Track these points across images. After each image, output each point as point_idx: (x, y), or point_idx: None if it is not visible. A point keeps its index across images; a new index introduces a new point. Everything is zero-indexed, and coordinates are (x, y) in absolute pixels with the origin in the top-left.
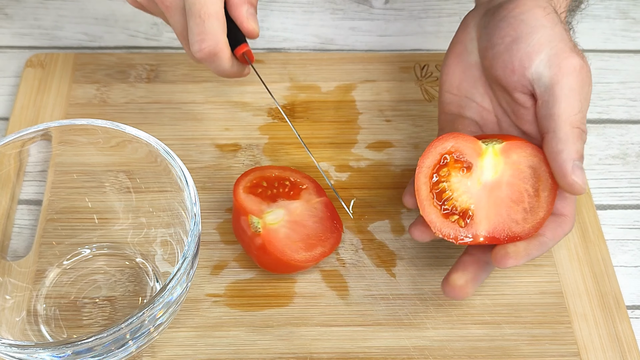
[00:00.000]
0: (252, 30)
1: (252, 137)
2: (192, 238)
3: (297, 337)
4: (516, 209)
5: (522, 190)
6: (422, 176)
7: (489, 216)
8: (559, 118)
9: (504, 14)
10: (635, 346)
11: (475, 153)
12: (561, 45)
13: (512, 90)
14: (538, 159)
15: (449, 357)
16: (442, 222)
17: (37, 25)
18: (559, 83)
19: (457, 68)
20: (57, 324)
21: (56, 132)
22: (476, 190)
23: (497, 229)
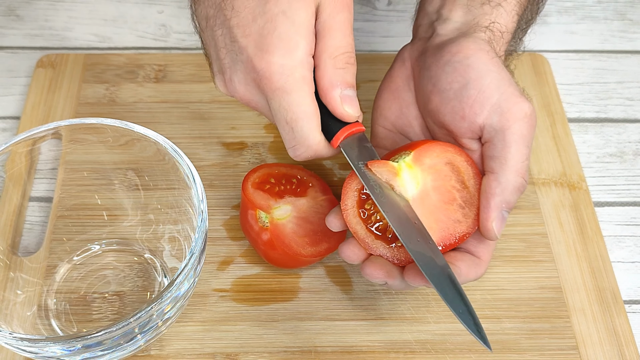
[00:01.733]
0: (347, 116)
1: (257, 136)
2: (199, 234)
3: (302, 331)
4: (452, 209)
5: (449, 188)
6: (352, 217)
7: (431, 227)
8: (507, 163)
9: (447, 57)
10: (632, 340)
11: (391, 174)
12: (511, 90)
13: (460, 136)
14: (450, 153)
15: (450, 350)
16: (390, 251)
17: (48, 26)
18: (510, 129)
19: (393, 104)
20: (68, 318)
21: (66, 131)
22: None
23: (445, 236)
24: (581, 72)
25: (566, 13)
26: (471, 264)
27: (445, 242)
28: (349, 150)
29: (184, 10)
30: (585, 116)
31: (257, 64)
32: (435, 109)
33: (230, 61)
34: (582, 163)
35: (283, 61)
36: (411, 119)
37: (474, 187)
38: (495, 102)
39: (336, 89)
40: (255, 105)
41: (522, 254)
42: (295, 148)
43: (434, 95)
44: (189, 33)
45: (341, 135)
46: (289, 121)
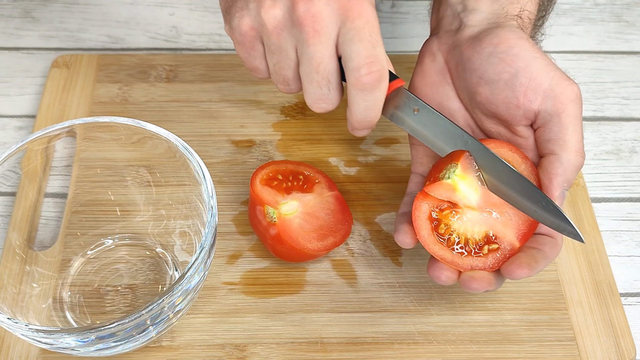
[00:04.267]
0: None
1: (265, 134)
2: (209, 229)
3: (309, 322)
4: None
5: None
6: (433, 246)
7: (505, 223)
8: (567, 144)
9: (489, 49)
10: (628, 331)
11: (450, 191)
12: (559, 74)
13: (515, 124)
14: (493, 147)
15: (452, 341)
16: (481, 261)
17: (63, 28)
18: (565, 111)
19: (432, 99)
20: (82, 310)
21: (80, 129)
22: (478, 216)
23: (520, 226)
24: (578, 72)
25: (564, 15)
26: (551, 244)
27: (523, 232)
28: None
29: (195, 12)
30: (583, 115)
31: None
32: (485, 100)
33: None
34: None
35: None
36: (453, 112)
37: (527, 171)
38: (548, 87)
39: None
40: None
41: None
42: (373, 63)
43: (481, 87)
44: (199, 34)
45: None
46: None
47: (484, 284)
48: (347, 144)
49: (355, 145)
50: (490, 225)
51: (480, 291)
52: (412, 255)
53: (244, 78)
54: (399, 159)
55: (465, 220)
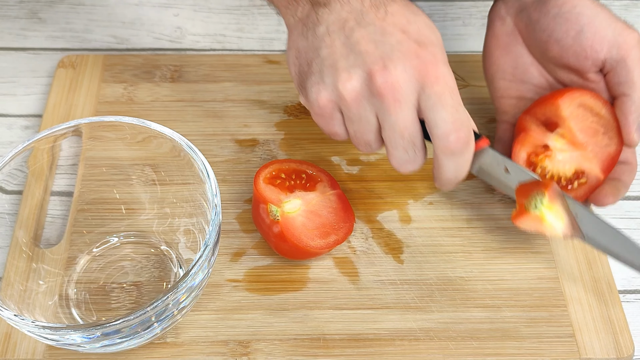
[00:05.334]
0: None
1: (269, 133)
2: (213, 227)
3: (311, 319)
4: (599, 139)
5: (589, 124)
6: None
7: (591, 161)
8: (635, 84)
9: (555, 10)
10: (626, 328)
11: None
12: (619, 24)
13: (586, 72)
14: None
15: (452, 338)
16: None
17: (69, 28)
18: (630, 56)
19: (507, 58)
20: (87, 307)
21: (86, 128)
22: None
23: (604, 161)
24: None
25: None
26: (628, 171)
27: (606, 166)
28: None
29: (199, 13)
30: None
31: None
32: (556, 55)
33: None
34: None
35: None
36: (528, 66)
37: (607, 113)
38: (611, 38)
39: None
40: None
41: (522, 246)
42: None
43: (551, 44)
44: (203, 35)
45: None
46: (455, 105)
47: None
48: (348, 143)
49: None
50: (578, 163)
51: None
52: (413, 253)
53: (248, 78)
54: None
55: (556, 161)
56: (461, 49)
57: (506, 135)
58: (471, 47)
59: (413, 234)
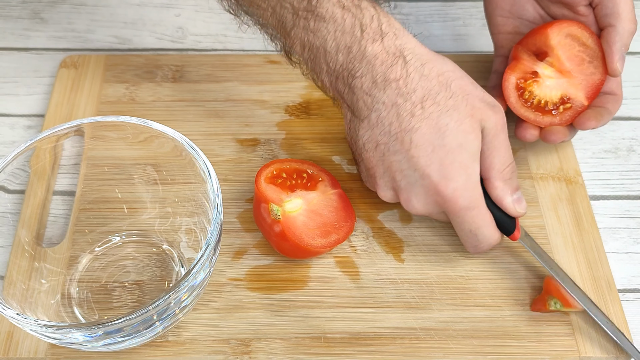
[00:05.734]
0: (520, 214)
1: (270, 133)
2: (215, 226)
3: (312, 318)
4: (585, 67)
5: (576, 52)
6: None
7: (577, 87)
8: (621, 15)
9: None
10: (626, 327)
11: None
12: None
13: (576, 5)
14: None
15: (452, 336)
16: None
17: (71, 29)
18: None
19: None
20: (89, 306)
21: (88, 128)
22: (555, 82)
23: (589, 88)
24: None
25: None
26: (613, 101)
27: (590, 93)
28: (524, 240)
29: (200, 13)
30: None
31: (443, 189)
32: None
33: (408, 184)
34: (578, 158)
35: (465, 186)
36: (524, 3)
37: (593, 43)
38: None
39: (508, 197)
40: (430, 214)
41: (522, 245)
42: (478, 247)
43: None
44: (204, 35)
45: (517, 231)
46: (473, 230)
47: (560, 135)
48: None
49: None
50: (564, 89)
51: (558, 142)
52: (413, 252)
53: (249, 78)
54: None
55: (544, 86)
56: (461, 49)
57: (501, 67)
58: (471, 47)
59: (413, 233)
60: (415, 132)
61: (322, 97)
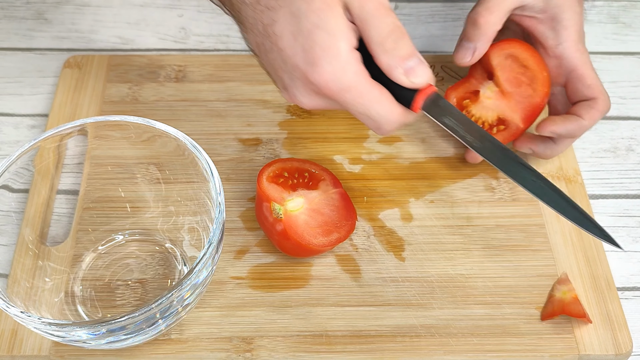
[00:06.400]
0: (417, 85)
1: (272, 132)
2: (217, 225)
3: (314, 316)
4: (523, 89)
5: (515, 74)
6: None
7: (514, 110)
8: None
9: None
10: (625, 324)
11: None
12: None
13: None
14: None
15: (453, 334)
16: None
17: (75, 29)
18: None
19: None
20: (93, 304)
21: (92, 128)
22: (492, 103)
23: (526, 110)
24: None
25: None
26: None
27: (527, 115)
28: (431, 111)
29: (203, 14)
30: None
31: (311, 77)
32: None
33: (289, 79)
34: (578, 158)
35: (332, 68)
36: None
37: (534, 64)
38: None
39: (395, 69)
40: (326, 107)
41: (522, 243)
42: (380, 128)
43: None
44: (207, 35)
45: (418, 101)
46: (362, 111)
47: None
48: (351, 142)
49: (359, 143)
50: (501, 111)
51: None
52: (414, 250)
53: (251, 78)
54: (401, 156)
55: (482, 107)
56: None
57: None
58: None
59: (414, 232)
60: (275, 24)
61: None
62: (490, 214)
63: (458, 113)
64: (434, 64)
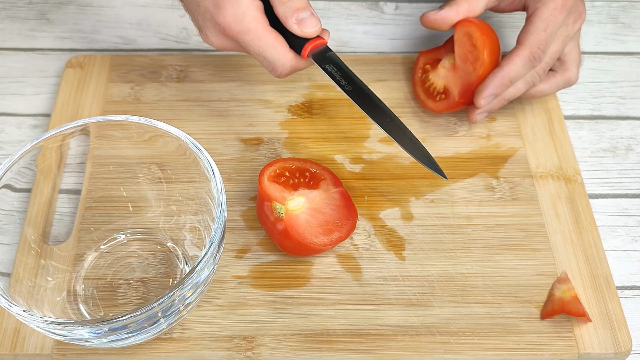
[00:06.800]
0: (307, 34)
1: (273, 132)
2: (219, 224)
3: (315, 315)
4: (467, 65)
5: (466, 52)
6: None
7: (456, 83)
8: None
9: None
10: (624, 323)
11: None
12: None
13: None
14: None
15: (453, 333)
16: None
17: (77, 29)
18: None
19: None
20: (95, 303)
21: (94, 127)
22: (445, 73)
23: (463, 86)
24: None
25: None
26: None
27: (463, 91)
28: (317, 59)
29: None
30: (580, 114)
31: (218, 19)
32: None
33: (202, 20)
34: (578, 157)
35: (234, 12)
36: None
37: (481, 45)
38: None
39: (289, 18)
40: (232, 49)
41: (521, 242)
42: (274, 70)
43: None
44: None
45: (306, 49)
46: (259, 53)
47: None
48: (351, 141)
49: (360, 143)
50: (447, 82)
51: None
52: (414, 250)
53: (252, 78)
54: (401, 156)
55: (436, 74)
56: None
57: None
58: None
59: (415, 231)
60: None
61: (324, 97)
62: (490, 214)
63: (339, 63)
64: None
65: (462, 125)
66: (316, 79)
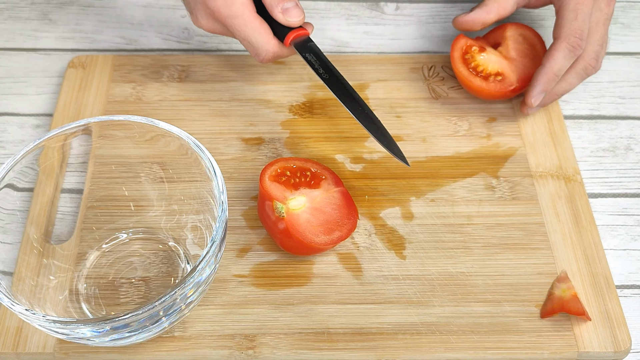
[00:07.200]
0: (291, 23)
1: (274, 132)
2: (220, 224)
3: (316, 313)
4: (526, 60)
5: (522, 48)
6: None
7: (511, 69)
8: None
9: None
10: (624, 322)
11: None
12: None
13: None
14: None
15: (453, 332)
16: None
17: (79, 29)
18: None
19: None
20: (97, 302)
21: (96, 127)
22: (497, 59)
23: (521, 74)
24: None
25: None
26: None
27: (522, 78)
28: (298, 48)
29: None
30: (580, 113)
31: (208, 2)
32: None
33: (193, 4)
34: (577, 157)
35: None
36: None
37: (539, 47)
38: None
39: (275, 7)
40: (220, 32)
41: (521, 242)
42: (258, 54)
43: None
44: (210, 36)
45: (289, 37)
46: (244, 37)
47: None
48: (352, 141)
49: (361, 142)
50: (502, 67)
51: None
52: (415, 249)
53: (254, 78)
54: None
55: (486, 58)
56: None
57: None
58: None
59: (415, 230)
60: None
61: (325, 97)
62: (490, 213)
63: (319, 53)
64: (434, 64)
65: (462, 125)
66: (317, 79)
